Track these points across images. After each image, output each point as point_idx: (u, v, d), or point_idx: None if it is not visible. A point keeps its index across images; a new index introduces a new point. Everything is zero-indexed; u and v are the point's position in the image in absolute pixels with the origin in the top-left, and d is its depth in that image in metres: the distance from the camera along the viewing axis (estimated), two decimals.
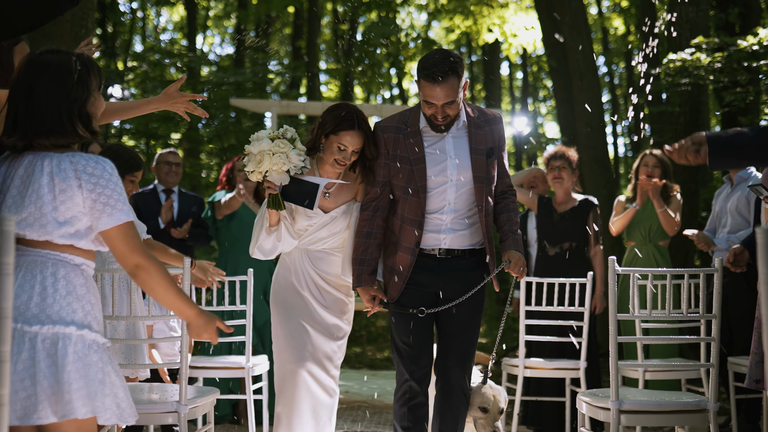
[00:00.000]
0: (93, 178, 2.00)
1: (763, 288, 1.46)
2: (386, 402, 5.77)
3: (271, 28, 17.33)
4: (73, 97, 2.05)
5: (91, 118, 2.11)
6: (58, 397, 1.88)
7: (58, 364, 1.90)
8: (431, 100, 2.94)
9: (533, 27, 10.38)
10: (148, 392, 2.96)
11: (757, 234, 1.47)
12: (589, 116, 8.17)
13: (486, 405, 3.13)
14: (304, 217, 3.21)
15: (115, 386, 2.00)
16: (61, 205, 1.98)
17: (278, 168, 3.06)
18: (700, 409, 2.79)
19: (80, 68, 2.07)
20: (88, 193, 2.00)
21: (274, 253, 3.28)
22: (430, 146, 3.07)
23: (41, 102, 2.03)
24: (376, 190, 3.14)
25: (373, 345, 10.48)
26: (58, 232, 1.99)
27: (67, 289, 1.99)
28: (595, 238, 4.78)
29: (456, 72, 2.89)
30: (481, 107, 3.19)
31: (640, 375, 4.02)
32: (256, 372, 4.13)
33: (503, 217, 3.17)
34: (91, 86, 2.11)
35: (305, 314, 3.19)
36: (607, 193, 7.92)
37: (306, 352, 3.12)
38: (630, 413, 2.75)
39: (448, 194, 3.05)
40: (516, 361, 4.27)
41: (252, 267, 4.30)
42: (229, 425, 4.96)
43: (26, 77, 2.05)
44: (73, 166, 2.00)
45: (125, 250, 2.05)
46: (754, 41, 6.10)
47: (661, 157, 4.90)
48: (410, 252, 3.07)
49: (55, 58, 2.07)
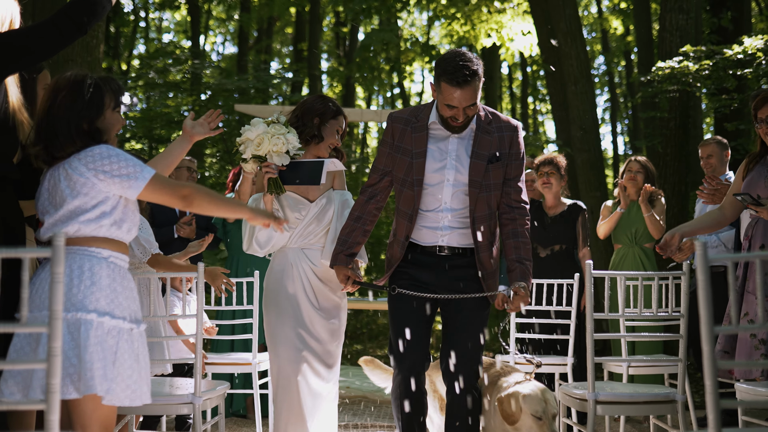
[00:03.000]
0: (101, 161, 2.29)
1: (701, 293, 1.71)
2: (385, 397, 6.03)
3: (274, 27, 17.55)
4: (83, 114, 2.33)
5: (102, 134, 2.37)
6: (81, 375, 2.17)
7: (80, 346, 2.19)
8: (453, 104, 2.91)
9: (530, 32, 10.60)
10: (168, 386, 3.21)
11: (695, 246, 1.72)
12: (583, 120, 8.42)
13: (538, 412, 2.78)
14: (294, 209, 3.29)
15: (127, 369, 2.27)
16: (86, 196, 2.28)
17: (278, 149, 3.14)
18: (669, 400, 3.05)
19: (92, 88, 2.35)
20: (104, 175, 2.28)
21: (269, 244, 3.32)
22: (434, 143, 3.05)
23: (55, 117, 2.32)
24: (374, 177, 3.16)
25: (373, 342, 10.73)
26: (86, 216, 2.28)
27: (92, 280, 2.27)
28: (583, 240, 5.04)
29: (478, 75, 2.90)
30: (499, 113, 3.12)
31: (624, 370, 4.27)
32: (261, 368, 4.39)
33: (510, 244, 3.03)
34: (103, 105, 2.37)
35: (297, 320, 3.24)
36: (600, 195, 8.17)
37: (300, 362, 3.18)
38: (605, 404, 3.01)
39: (444, 193, 3.03)
40: (507, 358, 4.52)
41: (258, 269, 4.56)
42: (237, 418, 5.23)
43: (48, 95, 2.36)
44: (83, 162, 2.29)
45: (166, 195, 2.37)
46: (739, 50, 6.33)
47: (644, 163, 5.16)
48: (400, 245, 3.07)
49: (71, 78, 2.36)
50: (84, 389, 2.17)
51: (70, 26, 2.42)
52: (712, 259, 1.72)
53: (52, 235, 2.15)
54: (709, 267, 1.72)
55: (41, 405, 1.67)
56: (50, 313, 1.66)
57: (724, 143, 5.10)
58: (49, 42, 2.41)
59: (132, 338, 2.33)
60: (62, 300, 1.66)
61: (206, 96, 10.46)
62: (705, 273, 1.71)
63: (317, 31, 15.30)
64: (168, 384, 3.26)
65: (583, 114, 8.43)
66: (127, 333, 2.31)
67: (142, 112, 10.52)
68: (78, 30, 2.46)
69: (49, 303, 1.66)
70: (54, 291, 1.67)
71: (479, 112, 3.05)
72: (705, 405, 4.87)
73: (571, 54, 8.49)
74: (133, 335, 2.34)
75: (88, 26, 2.45)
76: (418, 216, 3.05)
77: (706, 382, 1.72)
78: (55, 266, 1.67)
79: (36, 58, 2.41)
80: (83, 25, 2.44)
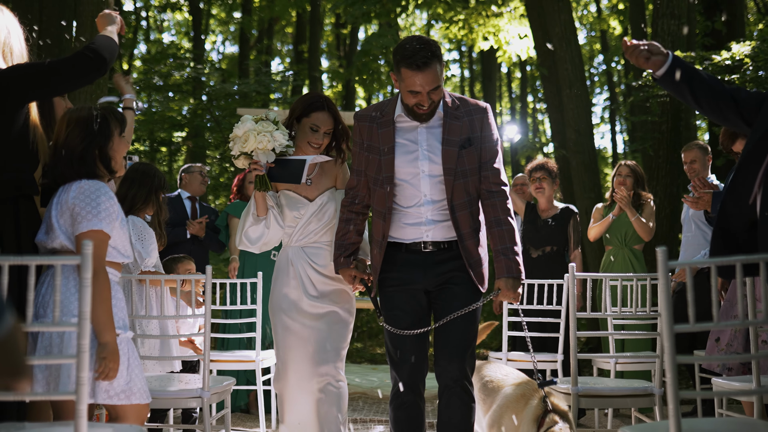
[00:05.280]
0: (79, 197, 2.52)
1: (661, 296, 1.90)
2: (385, 393, 6.23)
3: (275, 27, 17.74)
4: (95, 142, 2.59)
5: (111, 160, 2.64)
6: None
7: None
8: (416, 89, 2.85)
9: (526, 35, 10.78)
10: (177, 381, 3.41)
11: (657, 253, 1.92)
12: (578, 122, 8.61)
13: None
14: (293, 208, 3.28)
15: (125, 370, 2.51)
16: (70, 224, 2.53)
17: (264, 146, 3.13)
18: (647, 394, 3.25)
19: (100, 119, 2.61)
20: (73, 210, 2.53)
21: (260, 242, 3.31)
22: (402, 137, 2.98)
23: (69, 146, 2.58)
24: (353, 179, 3.13)
25: (373, 340, 10.94)
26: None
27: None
28: (574, 242, 5.25)
29: (437, 56, 2.83)
30: (465, 97, 3.04)
31: (612, 366, 4.47)
32: (264, 365, 4.60)
33: (495, 234, 2.95)
34: (111, 133, 2.64)
35: (299, 322, 3.21)
36: (594, 196, 8.35)
37: (299, 371, 3.17)
38: (588, 397, 3.21)
39: (422, 186, 2.95)
40: (500, 355, 4.72)
41: (262, 270, 4.76)
42: (241, 413, 5.43)
43: (59, 128, 2.63)
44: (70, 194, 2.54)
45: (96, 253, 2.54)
46: (728, 56, 6.51)
47: (634, 167, 5.36)
48: (379, 245, 3.00)
49: (83, 114, 2.63)
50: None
51: (96, 57, 2.68)
52: (671, 265, 1.92)
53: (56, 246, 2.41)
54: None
55: (71, 396, 1.87)
56: (79, 314, 1.86)
57: (706, 148, 5.28)
58: (81, 67, 2.66)
59: (120, 342, 2.55)
60: (89, 302, 1.86)
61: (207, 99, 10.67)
62: (664, 277, 1.90)
63: (317, 33, 15.49)
64: (176, 380, 3.46)
65: (578, 117, 8.62)
66: (124, 341, 2.56)
67: (145, 114, 10.72)
68: (100, 63, 2.72)
69: (79, 304, 1.86)
70: (83, 294, 1.87)
71: (445, 98, 2.98)
72: (688, 400, 5.09)
73: (566, 58, 8.69)
74: (122, 340, 2.57)
75: (108, 65, 2.72)
76: (394, 214, 2.99)
77: (667, 375, 1.91)
78: (84, 272, 1.87)
79: (64, 80, 2.64)
80: (105, 61, 2.71)
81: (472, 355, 2.96)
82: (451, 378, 2.88)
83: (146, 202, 3.84)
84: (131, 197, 3.80)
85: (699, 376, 4.67)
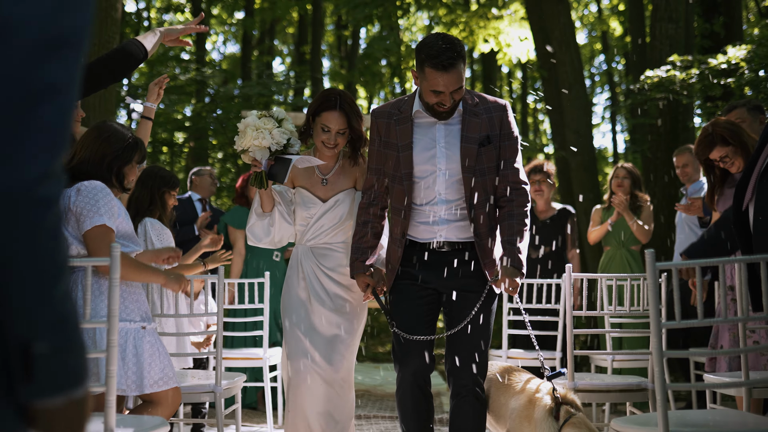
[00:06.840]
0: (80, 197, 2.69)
1: (650, 295, 2.04)
2: (387, 391, 6.38)
3: (276, 27, 17.88)
4: (118, 155, 2.80)
5: (124, 178, 2.85)
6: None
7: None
8: (439, 89, 2.81)
9: (526, 38, 10.92)
10: (190, 377, 3.56)
11: (645, 255, 2.05)
12: (578, 124, 8.75)
13: None
14: (305, 208, 3.26)
15: (158, 359, 2.67)
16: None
17: (259, 143, 3.08)
18: (641, 389, 3.39)
19: (130, 140, 2.84)
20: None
21: (267, 238, 3.28)
22: (420, 133, 2.95)
23: (102, 151, 2.78)
24: (371, 178, 3.08)
25: (375, 339, 11.09)
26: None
27: (100, 290, 2.65)
28: (572, 243, 5.39)
29: (462, 57, 2.80)
30: (484, 95, 3.01)
31: (608, 363, 4.61)
32: (272, 362, 4.74)
33: (504, 226, 2.93)
34: (132, 158, 2.86)
35: (308, 330, 3.19)
36: (593, 197, 8.49)
37: (307, 373, 3.14)
38: (583, 391, 3.35)
39: (438, 184, 2.91)
40: (500, 352, 4.86)
41: (269, 270, 4.91)
42: (249, 410, 5.58)
43: (87, 135, 2.81)
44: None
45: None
46: (724, 60, 6.64)
47: (631, 169, 5.50)
48: (398, 243, 2.98)
49: (125, 133, 2.86)
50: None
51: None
52: (660, 266, 2.06)
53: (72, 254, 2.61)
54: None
55: (101, 388, 2.01)
56: (108, 311, 2.01)
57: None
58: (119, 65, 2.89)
59: (143, 335, 2.70)
60: (118, 300, 2.00)
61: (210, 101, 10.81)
62: (652, 277, 2.05)
63: (319, 34, 15.62)
64: (189, 375, 3.60)
65: (577, 118, 8.76)
66: (135, 332, 2.69)
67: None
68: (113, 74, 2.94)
69: (108, 303, 2.01)
70: (112, 293, 2.01)
71: (465, 95, 2.94)
72: (684, 396, 5.22)
73: (566, 61, 8.82)
74: (148, 331, 2.72)
75: (120, 77, 2.90)
76: (411, 211, 2.96)
77: (655, 368, 2.05)
78: (113, 272, 2.01)
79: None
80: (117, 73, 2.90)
81: (484, 361, 2.95)
82: (462, 386, 2.89)
83: (152, 203, 3.89)
84: (135, 199, 3.85)
85: (694, 374, 4.81)
